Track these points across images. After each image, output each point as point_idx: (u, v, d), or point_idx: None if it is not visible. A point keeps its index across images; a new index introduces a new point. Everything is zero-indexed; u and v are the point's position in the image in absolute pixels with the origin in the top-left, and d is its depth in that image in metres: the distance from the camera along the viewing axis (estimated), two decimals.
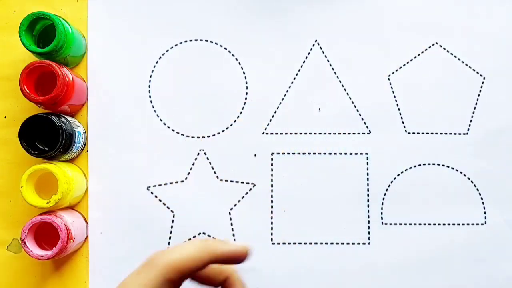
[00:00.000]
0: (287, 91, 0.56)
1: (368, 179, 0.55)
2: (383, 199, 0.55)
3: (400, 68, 0.56)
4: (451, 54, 0.56)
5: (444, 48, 0.56)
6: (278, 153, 0.55)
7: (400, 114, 0.56)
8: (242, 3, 0.56)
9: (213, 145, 0.55)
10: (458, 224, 0.55)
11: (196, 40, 0.56)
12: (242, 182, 0.55)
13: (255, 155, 0.55)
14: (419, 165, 0.55)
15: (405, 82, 0.56)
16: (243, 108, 0.55)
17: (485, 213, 0.55)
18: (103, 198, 0.54)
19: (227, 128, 0.55)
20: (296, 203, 0.55)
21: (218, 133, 0.55)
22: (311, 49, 0.56)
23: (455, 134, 0.56)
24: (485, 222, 0.55)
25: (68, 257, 0.53)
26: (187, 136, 0.55)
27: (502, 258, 0.55)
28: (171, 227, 0.54)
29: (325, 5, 0.56)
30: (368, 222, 0.55)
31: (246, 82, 0.56)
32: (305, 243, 0.54)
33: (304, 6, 0.56)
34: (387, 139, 0.55)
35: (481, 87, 0.56)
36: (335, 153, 0.55)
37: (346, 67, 0.56)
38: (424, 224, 0.55)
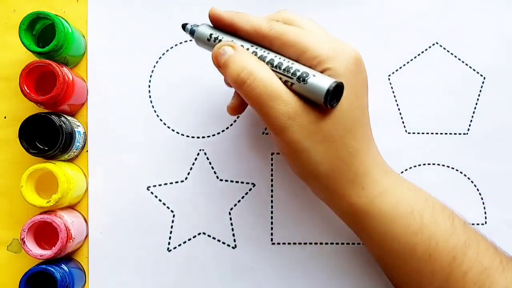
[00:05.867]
0: None
1: None
2: None
3: (400, 68, 0.56)
4: (451, 54, 0.56)
5: (444, 48, 0.56)
6: (278, 153, 0.55)
7: (400, 114, 0.56)
8: (242, 3, 0.56)
9: (213, 145, 0.55)
10: None
11: None
12: (242, 182, 0.55)
13: (255, 155, 0.55)
14: (419, 165, 0.55)
15: (405, 82, 0.56)
16: None
17: (485, 213, 0.55)
18: (103, 198, 0.54)
19: (227, 128, 0.55)
20: (296, 203, 0.55)
21: (218, 133, 0.55)
22: None
23: (455, 134, 0.56)
24: (485, 222, 0.55)
25: (68, 256, 0.53)
26: (187, 136, 0.55)
27: None
28: (171, 227, 0.54)
29: (325, 5, 0.56)
30: None
31: None
32: (305, 243, 0.54)
33: (304, 6, 0.56)
34: (387, 139, 0.55)
35: (481, 87, 0.56)
36: None
37: None
38: None
